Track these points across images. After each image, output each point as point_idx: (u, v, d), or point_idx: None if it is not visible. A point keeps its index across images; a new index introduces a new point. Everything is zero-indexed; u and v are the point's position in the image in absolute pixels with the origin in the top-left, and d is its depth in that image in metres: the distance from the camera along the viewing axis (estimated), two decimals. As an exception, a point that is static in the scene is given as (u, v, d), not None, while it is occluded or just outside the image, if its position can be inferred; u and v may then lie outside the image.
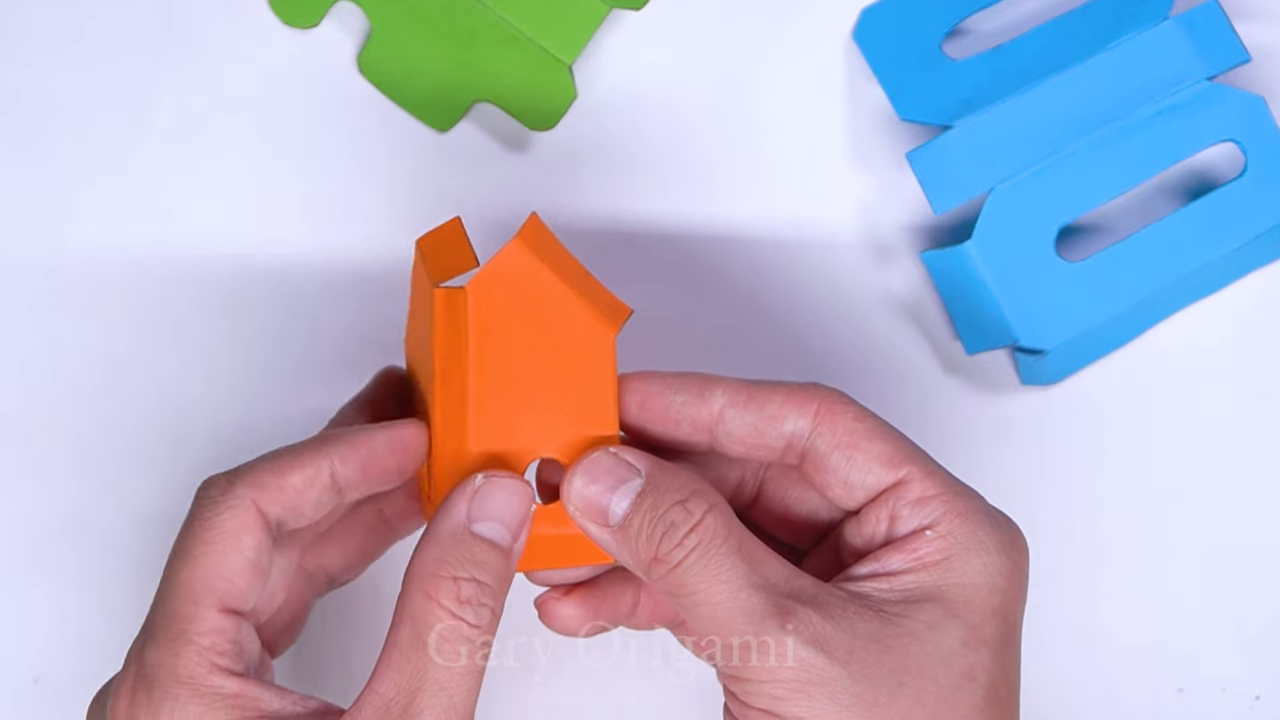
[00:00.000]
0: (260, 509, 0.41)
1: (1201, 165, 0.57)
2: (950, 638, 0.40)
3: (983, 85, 0.55)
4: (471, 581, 0.40)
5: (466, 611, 0.40)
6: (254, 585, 0.41)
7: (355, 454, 0.42)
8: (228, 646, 0.40)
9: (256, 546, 0.41)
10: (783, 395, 0.42)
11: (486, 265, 0.42)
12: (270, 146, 0.57)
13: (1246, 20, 0.56)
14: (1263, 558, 0.56)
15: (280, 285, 0.56)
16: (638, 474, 0.41)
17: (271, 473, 0.41)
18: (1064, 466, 0.56)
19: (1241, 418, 0.56)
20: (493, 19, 0.55)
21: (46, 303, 0.56)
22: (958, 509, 0.41)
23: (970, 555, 0.41)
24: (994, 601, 0.41)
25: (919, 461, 0.42)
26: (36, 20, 0.57)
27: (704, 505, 0.41)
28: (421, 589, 0.40)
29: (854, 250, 0.57)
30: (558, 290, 0.42)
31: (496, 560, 0.41)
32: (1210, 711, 0.55)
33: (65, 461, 0.55)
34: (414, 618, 0.40)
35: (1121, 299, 0.54)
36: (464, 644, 0.39)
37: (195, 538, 0.41)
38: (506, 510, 0.41)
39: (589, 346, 0.42)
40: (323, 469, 0.41)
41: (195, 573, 0.40)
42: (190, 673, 0.39)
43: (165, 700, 0.39)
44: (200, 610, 0.40)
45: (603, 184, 0.57)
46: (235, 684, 0.39)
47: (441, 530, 0.41)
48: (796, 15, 0.57)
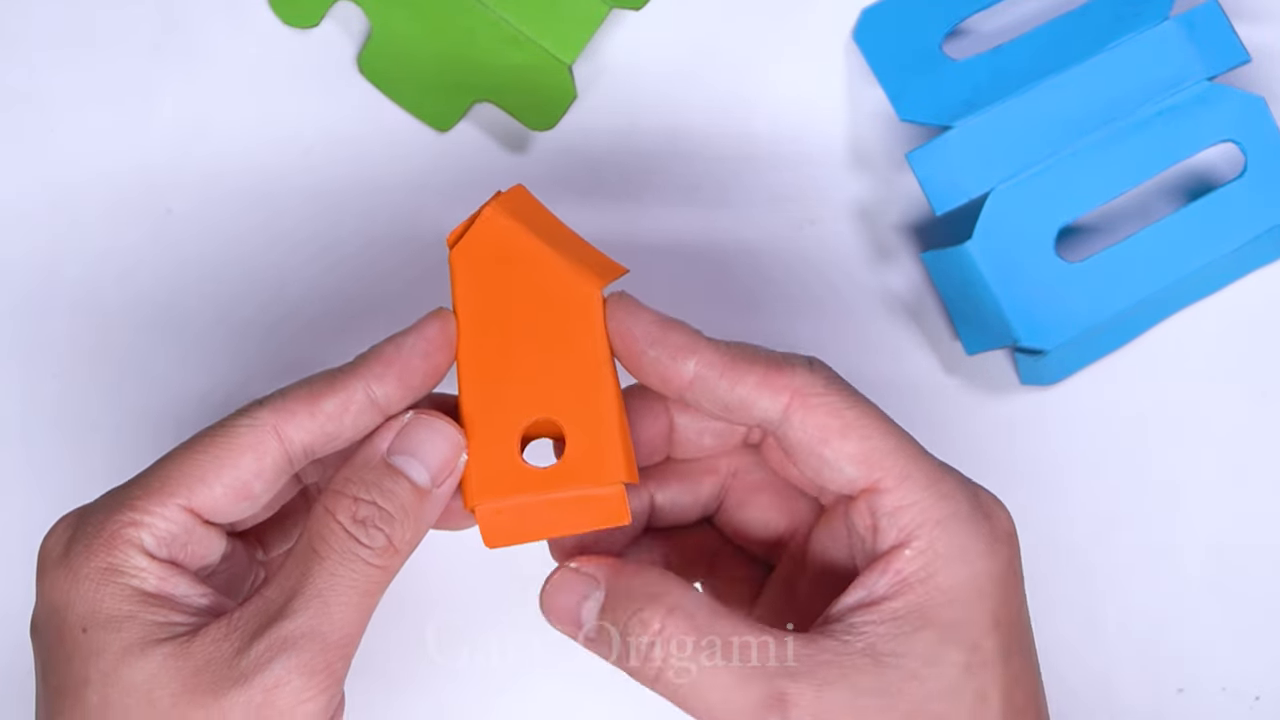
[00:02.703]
0: (281, 435, 0.41)
1: (1201, 165, 0.57)
2: (952, 668, 0.39)
3: (983, 85, 0.55)
4: (371, 504, 0.40)
5: (359, 530, 0.40)
6: (234, 505, 0.41)
7: (389, 369, 0.41)
8: (165, 535, 0.40)
9: (255, 470, 0.41)
10: (758, 376, 0.41)
11: (468, 233, 0.42)
12: (270, 146, 0.57)
13: (1246, 20, 0.56)
14: (1263, 558, 0.56)
15: (280, 285, 0.56)
16: (598, 585, 0.41)
17: (304, 399, 0.41)
18: (1064, 466, 0.56)
19: (1241, 418, 0.56)
20: (493, 19, 0.55)
21: (46, 302, 0.56)
22: (935, 516, 0.40)
23: (955, 567, 0.39)
24: (988, 611, 0.40)
25: (895, 462, 0.40)
26: (36, 20, 0.57)
27: (660, 612, 0.39)
28: (323, 504, 0.40)
29: (854, 250, 0.57)
30: (538, 250, 0.42)
31: (405, 493, 0.41)
32: (1210, 711, 0.55)
33: (65, 461, 0.55)
34: (310, 530, 0.40)
35: (1121, 299, 0.54)
36: (355, 562, 0.40)
37: (204, 438, 0.41)
38: (430, 450, 0.41)
39: (576, 303, 0.42)
40: (357, 390, 0.41)
41: (181, 467, 0.41)
42: (113, 537, 0.40)
43: (80, 548, 0.40)
44: (160, 498, 0.40)
45: (603, 184, 0.57)
46: (145, 561, 0.40)
47: (359, 454, 0.41)
48: (796, 15, 0.57)
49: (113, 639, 0.39)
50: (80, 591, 0.40)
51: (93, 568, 0.40)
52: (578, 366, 0.42)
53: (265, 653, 0.39)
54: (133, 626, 0.39)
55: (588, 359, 0.42)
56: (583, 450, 0.42)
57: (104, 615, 0.39)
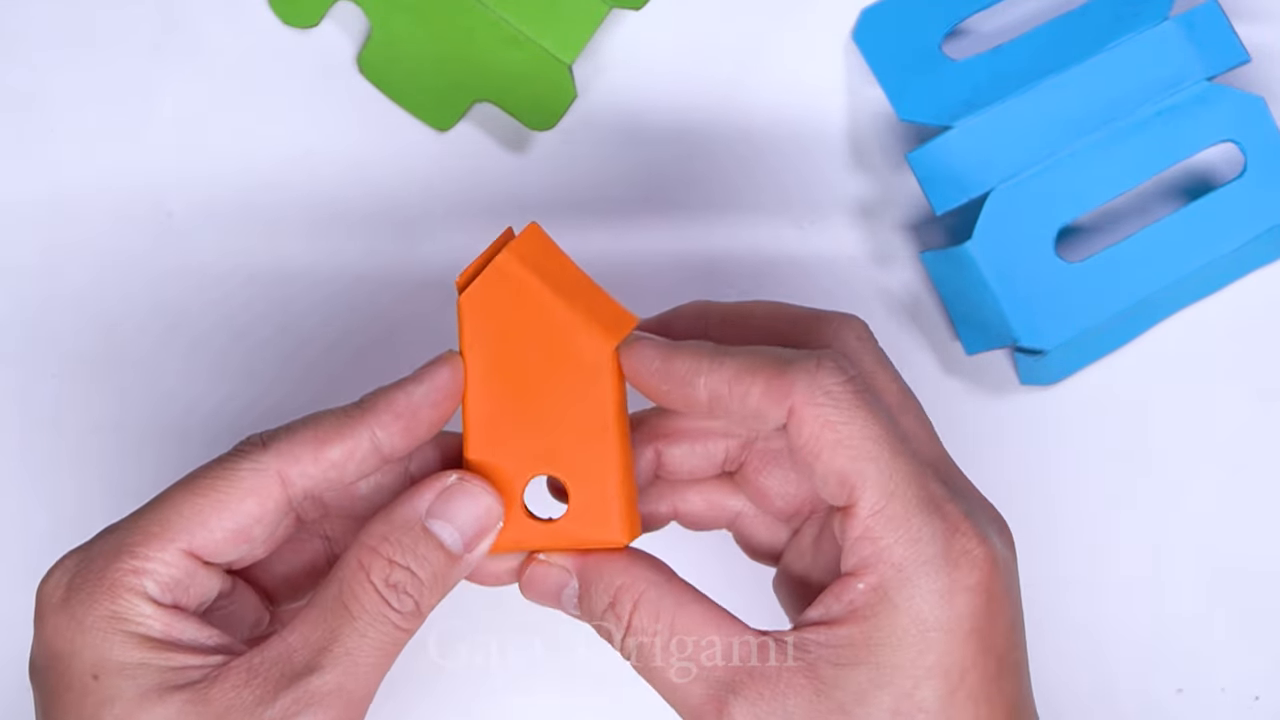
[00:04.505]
0: (285, 480, 0.41)
1: (1201, 165, 0.57)
2: (880, 711, 0.39)
3: (983, 85, 0.55)
4: (406, 570, 0.40)
5: (391, 595, 0.40)
6: (232, 547, 0.41)
7: (397, 419, 0.41)
8: (168, 580, 0.40)
9: (256, 515, 0.41)
10: (761, 387, 0.40)
11: (478, 280, 0.41)
12: (270, 146, 0.57)
13: (1246, 20, 0.56)
14: (1263, 558, 0.56)
15: (280, 285, 0.56)
16: (570, 575, 0.42)
17: (311, 445, 0.41)
18: (1064, 466, 0.56)
19: (1241, 418, 0.56)
20: (493, 19, 0.55)
21: (46, 303, 0.56)
22: (893, 558, 0.39)
23: (898, 613, 0.39)
24: (926, 660, 0.39)
25: (873, 491, 0.39)
26: (36, 20, 0.57)
27: (629, 603, 0.41)
28: (358, 558, 0.40)
29: (854, 250, 0.57)
30: (551, 303, 0.41)
31: (439, 560, 0.41)
32: (1210, 711, 0.55)
33: (65, 461, 0.55)
34: (342, 581, 0.40)
35: (1121, 299, 0.54)
36: (385, 624, 0.40)
37: (206, 479, 0.41)
38: (467, 518, 0.41)
39: (586, 359, 0.41)
40: (363, 439, 0.41)
41: (180, 510, 0.40)
42: (115, 585, 0.40)
43: (82, 595, 0.40)
44: (160, 543, 0.40)
45: (603, 184, 0.57)
46: (150, 609, 0.40)
47: (397, 512, 0.41)
48: (796, 15, 0.57)
49: (127, 685, 0.39)
50: (86, 640, 0.39)
51: (97, 616, 0.40)
52: (585, 422, 0.42)
53: (292, 706, 0.39)
54: (146, 674, 0.39)
55: (596, 415, 0.42)
56: (586, 507, 0.42)
57: (115, 663, 0.39)
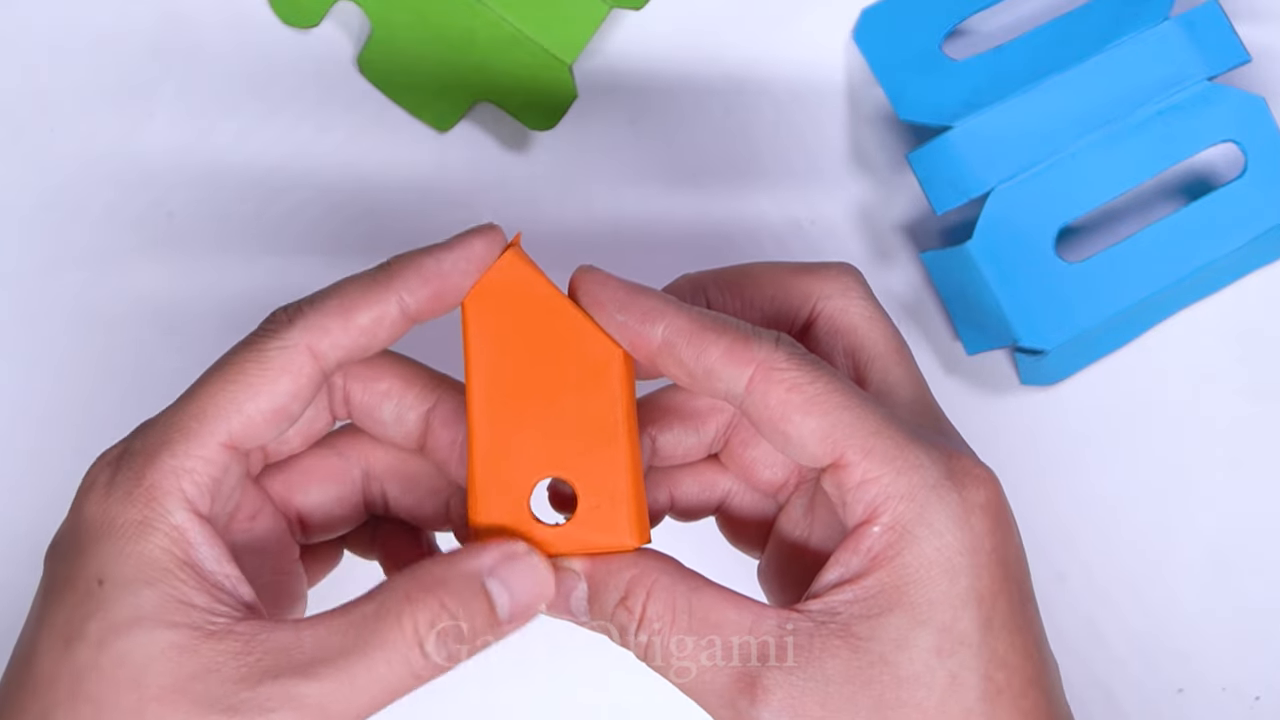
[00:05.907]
0: (315, 352, 0.40)
1: (1201, 165, 0.57)
2: (922, 652, 0.38)
3: (983, 85, 0.55)
4: (455, 623, 0.39)
5: (429, 638, 0.39)
6: (272, 427, 0.40)
7: (425, 284, 0.40)
8: (206, 480, 0.40)
9: (292, 392, 0.40)
10: (724, 347, 0.39)
11: (483, 277, 0.41)
12: (270, 146, 0.57)
13: (1246, 20, 0.56)
14: (1263, 557, 0.56)
15: (280, 286, 0.56)
16: (578, 577, 0.41)
17: (338, 314, 0.40)
18: (1064, 466, 0.56)
19: (1241, 418, 0.56)
20: (493, 19, 0.55)
21: (46, 303, 0.56)
22: (900, 490, 0.38)
23: (922, 544, 0.38)
24: (959, 587, 0.38)
25: (857, 436, 0.39)
26: (36, 20, 0.57)
27: (642, 595, 0.40)
28: (409, 590, 0.39)
29: (854, 250, 0.57)
30: (558, 302, 0.41)
31: (485, 620, 0.40)
32: (1210, 711, 0.55)
33: (65, 461, 0.55)
34: (386, 604, 0.39)
35: (1121, 299, 0.54)
36: (405, 668, 0.39)
37: (237, 363, 0.40)
38: (522, 591, 0.40)
39: (596, 359, 0.41)
40: (391, 304, 0.40)
41: (216, 399, 0.40)
42: (153, 487, 0.39)
43: (120, 494, 0.39)
44: (199, 439, 0.40)
45: (603, 184, 0.57)
46: (183, 517, 0.39)
47: (462, 563, 0.40)
48: (796, 15, 0.57)
49: (127, 601, 0.38)
50: (112, 541, 0.39)
51: (129, 519, 0.39)
52: (594, 423, 0.41)
53: (269, 700, 0.37)
54: (151, 596, 0.38)
55: (605, 416, 0.41)
56: (595, 510, 0.41)
57: (126, 574, 0.38)
